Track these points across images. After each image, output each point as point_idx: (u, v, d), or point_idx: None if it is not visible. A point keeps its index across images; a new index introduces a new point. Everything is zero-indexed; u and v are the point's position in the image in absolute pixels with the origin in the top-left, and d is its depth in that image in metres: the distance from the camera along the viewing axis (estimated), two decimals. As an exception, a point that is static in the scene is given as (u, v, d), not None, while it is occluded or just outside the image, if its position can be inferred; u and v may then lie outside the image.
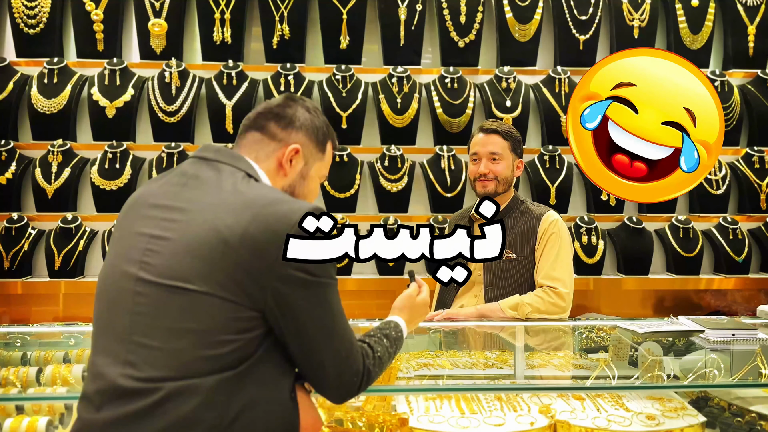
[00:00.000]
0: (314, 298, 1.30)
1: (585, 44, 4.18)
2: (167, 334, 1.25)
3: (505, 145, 2.58)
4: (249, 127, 1.47)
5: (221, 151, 1.42)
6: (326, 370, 1.32)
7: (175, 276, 1.26)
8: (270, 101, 1.50)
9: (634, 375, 2.09)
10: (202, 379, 1.23)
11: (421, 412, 2.05)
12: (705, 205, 4.08)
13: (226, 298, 1.25)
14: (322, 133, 1.51)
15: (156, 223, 1.32)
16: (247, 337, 1.26)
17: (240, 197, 1.31)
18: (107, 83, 3.88)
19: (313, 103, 1.53)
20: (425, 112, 4.08)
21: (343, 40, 4.05)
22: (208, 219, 1.28)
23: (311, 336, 1.30)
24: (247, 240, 1.25)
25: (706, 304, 4.16)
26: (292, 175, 1.46)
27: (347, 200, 3.93)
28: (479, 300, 2.61)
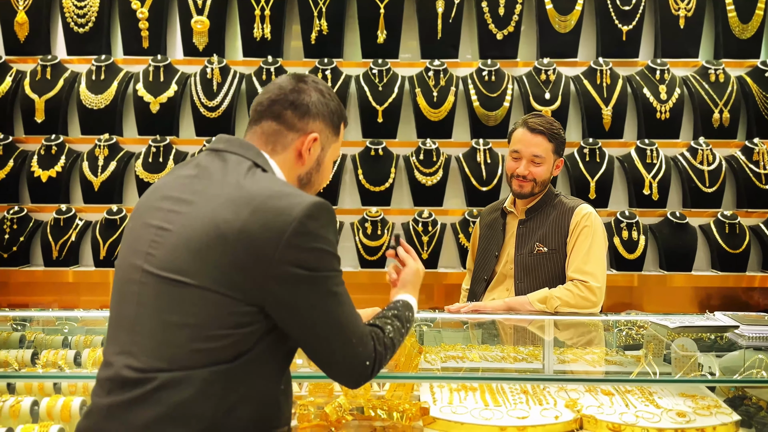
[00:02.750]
0: (317, 292, 1.27)
1: (628, 35, 4.07)
2: (163, 326, 1.26)
3: (549, 147, 2.51)
4: (264, 115, 1.42)
5: (231, 141, 1.40)
6: (337, 359, 1.32)
7: (173, 269, 1.26)
8: (282, 85, 1.44)
9: (668, 372, 2.03)
10: (195, 371, 1.23)
11: (444, 402, 2.04)
12: (753, 199, 3.93)
13: (222, 293, 1.23)
14: (337, 116, 1.48)
15: (163, 215, 1.32)
16: (243, 332, 1.25)
17: (241, 191, 1.28)
18: (151, 80, 4.00)
19: (324, 83, 1.48)
20: (462, 106, 4.06)
21: (380, 34, 4.06)
22: (208, 213, 1.27)
23: (318, 329, 1.28)
24: (244, 236, 1.23)
25: (754, 303, 4.00)
26: (310, 162, 1.44)
27: (382, 194, 3.95)
28: (511, 294, 2.57)
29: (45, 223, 3.96)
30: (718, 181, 3.92)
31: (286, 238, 1.23)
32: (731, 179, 4.03)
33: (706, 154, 3.94)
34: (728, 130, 4.00)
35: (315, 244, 1.26)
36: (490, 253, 2.67)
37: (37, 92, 4.01)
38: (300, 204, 1.26)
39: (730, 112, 3.98)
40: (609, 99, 3.98)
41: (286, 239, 1.23)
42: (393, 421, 1.92)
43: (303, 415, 1.91)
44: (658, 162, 3.94)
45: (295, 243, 1.23)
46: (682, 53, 4.11)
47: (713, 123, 3.99)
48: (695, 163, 3.94)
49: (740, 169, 3.96)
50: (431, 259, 3.86)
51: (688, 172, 3.94)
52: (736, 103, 3.99)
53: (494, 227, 2.70)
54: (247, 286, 1.24)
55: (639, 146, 3.97)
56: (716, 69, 4.01)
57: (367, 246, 3.86)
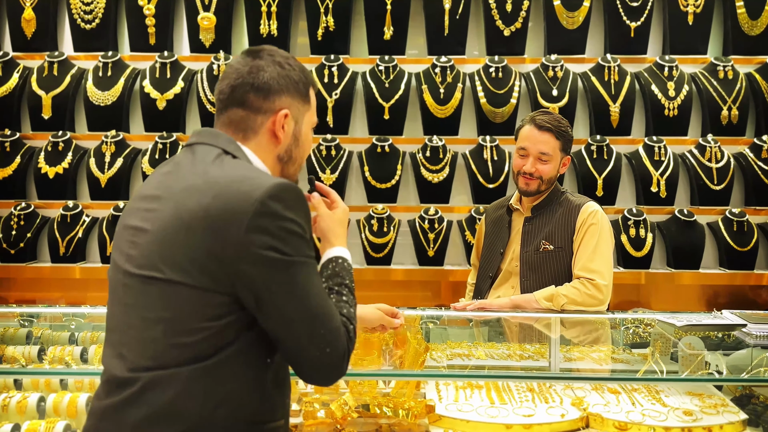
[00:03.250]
0: (286, 279, 1.22)
1: (636, 32, 4.05)
2: (144, 324, 1.26)
3: (557, 145, 2.49)
4: (228, 103, 1.37)
5: (202, 133, 1.38)
6: (309, 354, 1.25)
7: (148, 266, 1.25)
8: (238, 67, 1.36)
9: (675, 371, 2.02)
10: (177, 369, 1.22)
11: (450, 400, 2.04)
12: (761, 197, 3.90)
13: (192, 285, 1.22)
14: (303, 84, 1.40)
15: (140, 215, 1.32)
16: (219, 325, 1.23)
17: (204, 178, 1.26)
18: (158, 76, 4.01)
19: (282, 52, 1.40)
20: (468, 103, 4.04)
21: (387, 30, 4.05)
22: (174, 205, 1.26)
23: (288, 320, 1.23)
24: (208, 222, 1.21)
25: (762, 301, 3.98)
26: (287, 139, 1.39)
27: (388, 191, 3.94)
28: (516, 291, 2.56)
29: (52, 220, 3.98)
30: (726, 179, 3.89)
31: (249, 220, 1.20)
32: (739, 176, 4.00)
33: (715, 151, 3.91)
34: (737, 127, 3.97)
35: (282, 224, 1.22)
36: (496, 250, 2.66)
37: (44, 89, 4.02)
38: (262, 185, 1.23)
39: (738, 109, 3.95)
40: (617, 96, 3.96)
41: (249, 221, 1.20)
42: (398, 419, 1.92)
43: (309, 412, 1.92)
44: (666, 159, 3.91)
45: (260, 225, 1.21)
46: (691, 50, 4.08)
47: (722, 120, 3.96)
48: (703, 161, 3.91)
49: (748, 167, 3.93)
50: (437, 256, 3.85)
51: (696, 169, 3.91)
52: (745, 100, 3.96)
53: (500, 224, 2.69)
54: (217, 273, 1.21)
55: (647, 143, 3.95)
56: (725, 66, 3.98)
57: (374, 243, 3.85)
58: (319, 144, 3.97)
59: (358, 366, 1.97)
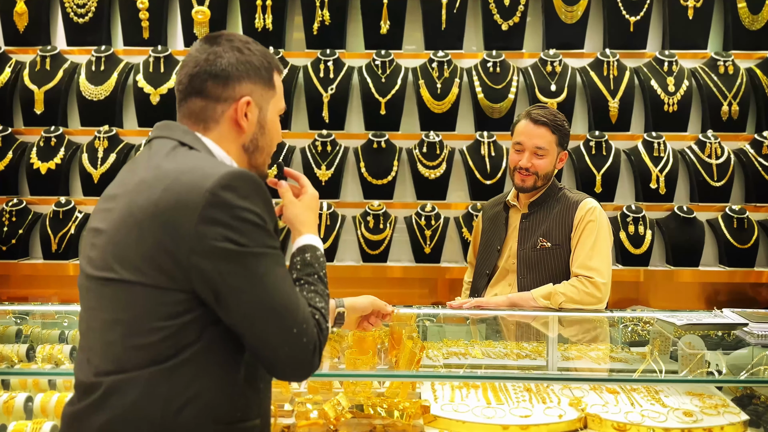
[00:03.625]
0: (244, 272, 1.16)
1: (636, 26, 4.00)
2: (104, 327, 1.23)
3: (553, 139, 2.47)
4: (187, 94, 1.31)
5: (159, 126, 1.33)
6: (276, 350, 1.19)
7: (104, 267, 1.22)
8: (195, 55, 1.31)
9: (674, 370, 2.00)
10: (138, 372, 1.18)
11: (446, 400, 2.02)
12: (762, 194, 3.86)
13: (147, 284, 1.17)
14: (265, 69, 1.34)
15: (99, 216, 1.29)
16: (178, 323, 1.18)
17: (156, 172, 1.21)
18: (152, 70, 3.96)
19: (241, 36, 1.35)
20: (466, 98, 4.00)
21: (383, 25, 4.00)
22: (126, 202, 1.22)
23: (250, 315, 1.17)
24: (158, 217, 1.16)
25: (763, 299, 3.94)
26: (251, 128, 1.33)
27: (384, 187, 3.90)
28: (513, 289, 2.54)
29: (44, 216, 3.93)
30: (726, 175, 3.86)
31: (200, 212, 1.15)
32: (740, 173, 3.96)
33: (715, 147, 3.87)
34: (737, 122, 3.93)
35: (237, 214, 1.16)
36: (492, 247, 2.63)
37: (36, 83, 3.96)
38: (213, 175, 1.17)
39: (739, 105, 3.90)
40: (616, 91, 3.92)
41: (200, 213, 1.15)
42: (393, 420, 1.88)
43: (301, 412, 1.89)
44: (665, 155, 3.87)
45: (212, 216, 1.15)
46: (691, 44, 4.04)
47: (722, 116, 3.92)
48: (703, 157, 3.87)
49: (749, 163, 3.89)
50: (434, 254, 3.81)
51: (696, 165, 3.87)
52: (746, 95, 3.92)
53: (496, 221, 2.66)
54: (171, 270, 1.17)
55: (646, 139, 3.91)
56: (725, 61, 3.93)
57: (369, 240, 3.81)
58: (315, 140, 3.92)
59: (353, 365, 1.94)
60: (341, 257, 3.93)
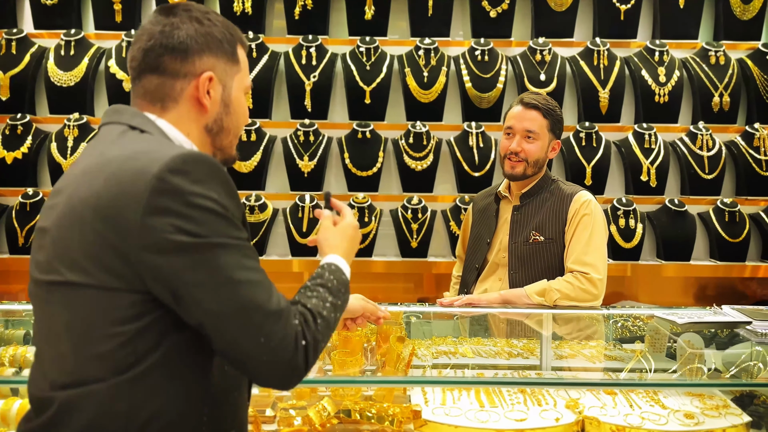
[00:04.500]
0: (203, 265, 1.02)
1: (626, 14, 3.91)
2: (54, 336, 1.10)
3: (544, 123, 2.39)
4: (141, 70, 1.18)
5: (107, 112, 1.20)
6: (251, 356, 1.05)
7: (50, 269, 1.09)
8: (149, 28, 1.18)
9: (671, 368, 1.93)
10: (96, 385, 1.06)
11: (437, 403, 1.93)
12: (753, 187, 3.81)
13: (95, 285, 1.04)
14: (228, 42, 1.22)
15: (44, 214, 1.16)
16: (134, 328, 1.05)
17: (99, 159, 1.09)
18: (125, 56, 3.77)
19: (200, 6, 1.22)
20: (453, 87, 3.88)
21: (368, 10, 3.86)
22: (68, 196, 1.09)
23: (213, 313, 1.03)
24: (101, 210, 1.03)
25: (751, 293, 3.90)
26: (214, 107, 1.20)
27: (370, 179, 3.78)
28: (504, 284, 2.45)
29: (10, 208, 3.74)
30: (717, 168, 3.79)
31: (146, 200, 1.01)
32: (731, 165, 3.90)
33: (706, 139, 3.80)
34: (728, 114, 3.86)
35: (189, 201, 1.03)
36: (482, 240, 2.54)
37: (1, 68, 3.77)
38: (160, 159, 1.04)
39: (730, 96, 3.84)
40: (606, 81, 3.83)
41: (146, 201, 1.01)
42: (382, 426, 1.78)
43: (284, 419, 1.79)
44: (656, 147, 3.79)
45: (160, 204, 1.02)
46: (682, 34, 3.96)
47: (713, 107, 3.85)
48: (695, 149, 3.80)
49: (740, 155, 3.83)
50: (421, 248, 3.70)
51: (687, 157, 3.80)
52: (737, 86, 3.85)
53: (487, 213, 2.57)
54: (120, 269, 1.03)
55: (637, 131, 3.83)
56: (716, 51, 3.86)
57: (354, 233, 3.69)
58: (297, 129, 3.78)
59: (340, 367, 1.84)
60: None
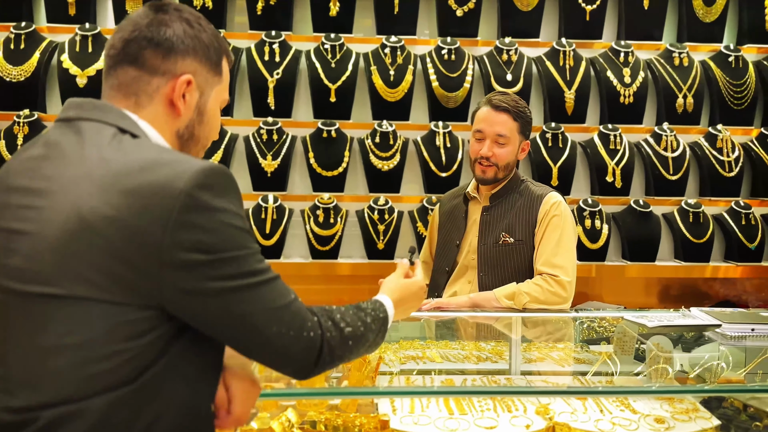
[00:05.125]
0: (225, 279, 1.02)
1: (592, 15, 3.91)
2: (39, 353, 1.01)
3: (514, 126, 2.36)
4: (118, 60, 1.13)
5: (83, 105, 1.12)
6: (271, 355, 1.09)
7: (37, 280, 1.01)
8: (136, 20, 1.15)
9: (640, 371, 1.92)
10: (89, 401, 0.99)
11: (405, 411, 1.88)
12: (716, 188, 3.84)
13: (104, 300, 1.00)
14: (214, 50, 1.19)
15: (13, 213, 1.05)
16: (140, 344, 1.01)
17: (106, 166, 1.03)
18: (78, 50, 3.62)
19: (193, 11, 1.19)
20: (420, 86, 3.83)
21: (332, 6, 3.78)
22: (69, 201, 1.01)
23: (238, 325, 1.05)
24: (120, 224, 0.99)
25: (714, 294, 3.94)
26: (188, 113, 1.17)
27: (335, 179, 3.69)
28: (473, 287, 2.41)
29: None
30: (682, 169, 3.82)
31: (175, 217, 0.99)
32: (695, 166, 3.93)
33: (670, 140, 3.82)
34: (692, 115, 3.89)
35: (214, 218, 1.02)
36: (451, 242, 2.50)
37: (-54, 62, 3.59)
38: (186, 172, 1.01)
39: (693, 97, 3.87)
40: (572, 82, 3.82)
41: (176, 218, 0.99)
42: (348, 437, 1.71)
43: (245, 430, 1.69)
44: (621, 148, 3.80)
45: (187, 221, 1.00)
46: (647, 35, 3.98)
47: (677, 108, 3.88)
48: (659, 150, 3.82)
49: (704, 156, 3.86)
50: (388, 249, 3.64)
51: (652, 158, 3.82)
52: (700, 87, 3.88)
53: (455, 214, 2.53)
54: (136, 284, 1.00)
55: (602, 131, 3.83)
56: (680, 53, 3.89)
57: (319, 235, 3.60)
58: (260, 128, 3.67)
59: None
60: (288, 254, 3.70)
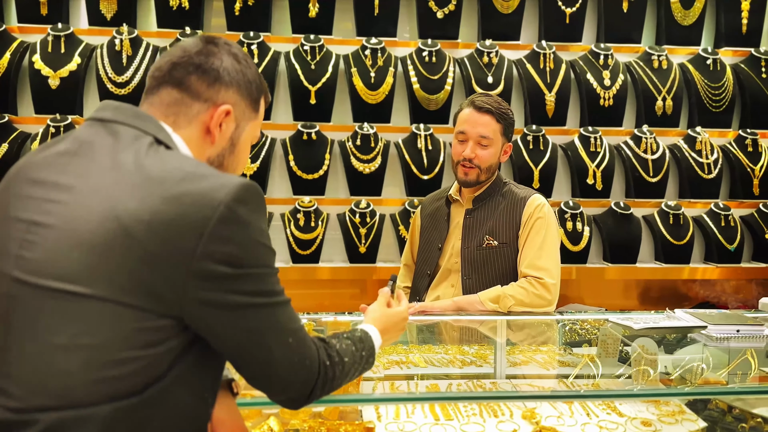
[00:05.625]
0: (246, 294, 1.04)
1: (571, 18, 3.92)
2: (47, 350, 0.98)
3: (497, 128, 2.33)
4: (163, 81, 1.17)
5: (122, 109, 1.12)
6: (271, 378, 1.10)
7: (59, 275, 0.99)
8: (186, 47, 1.19)
9: (624, 373, 1.90)
10: (95, 408, 0.97)
11: (390, 418, 1.85)
12: (696, 190, 3.87)
13: (127, 304, 0.98)
14: (256, 88, 1.23)
15: (37, 206, 1.04)
16: (154, 353, 1.01)
17: (145, 172, 1.03)
18: (51, 51, 3.53)
19: (241, 49, 1.25)
20: (401, 88, 3.80)
21: (312, 7, 3.74)
22: (103, 201, 1.01)
23: (249, 341, 1.07)
24: (156, 228, 0.98)
25: (694, 295, 3.96)
26: (222, 142, 1.19)
27: (316, 182, 3.64)
28: (456, 290, 2.38)
29: None
30: (661, 171, 3.83)
31: (212, 227, 1.00)
32: (674, 168, 3.95)
33: (650, 142, 3.84)
34: (671, 118, 3.92)
35: (247, 233, 1.04)
36: (433, 245, 2.46)
37: None
38: (226, 185, 1.03)
39: (672, 100, 3.89)
40: (552, 84, 3.82)
41: (212, 228, 1.00)
42: (332, 446, 1.67)
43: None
44: (601, 151, 3.81)
45: (222, 233, 1.01)
46: (626, 38, 3.99)
47: (656, 110, 3.90)
48: (639, 152, 3.83)
49: (683, 159, 3.88)
50: (369, 253, 3.59)
51: (632, 161, 3.83)
52: (679, 90, 3.91)
53: (437, 217, 2.50)
54: (162, 291, 1.00)
55: (582, 134, 3.83)
56: (659, 55, 3.91)
57: (299, 239, 3.55)
58: (238, 130, 3.61)
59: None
60: (268, 258, 3.64)
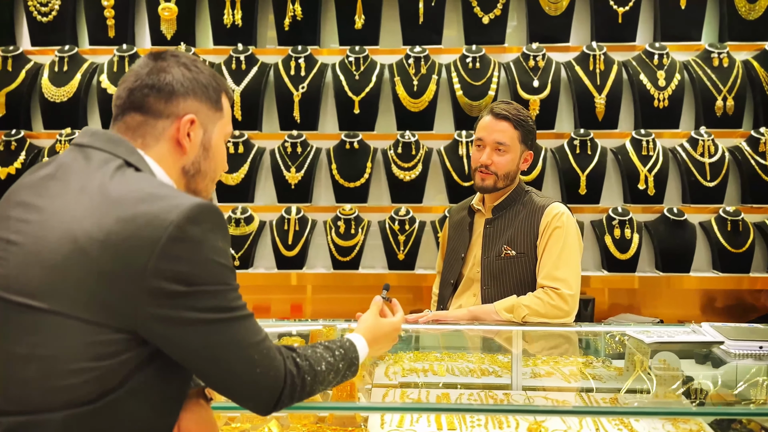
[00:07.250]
0: (201, 311, 1.08)
1: (624, 17, 3.78)
2: (11, 360, 1.07)
3: (515, 135, 2.31)
4: (125, 108, 1.22)
5: (97, 135, 1.19)
6: (234, 389, 1.14)
7: (21, 290, 1.07)
8: (137, 70, 1.23)
9: (646, 389, 1.82)
10: (50, 414, 1.04)
11: (394, 425, 1.86)
12: (758, 194, 3.62)
13: (83, 319, 1.05)
14: (213, 89, 1.26)
15: (13, 225, 1.12)
16: (107, 365, 1.06)
17: (105, 194, 1.09)
18: (116, 70, 3.81)
19: (189, 55, 1.28)
20: (444, 95, 3.81)
21: (358, 19, 3.82)
22: (64, 221, 1.08)
23: (207, 355, 1.10)
24: (110, 248, 1.04)
25: (761, 306, 3.71)
26: (194, 149, 1.24)
27: (358, 190, 3.72)
28: (478, 300, 2.38)
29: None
30: (720, 175, 3.63)
31: (162, 246, 1.04)
32: (735, 172, 3.72)
33: (708, 144, 3.64)
34: (732, 118, 3.70)
35: (199, 252, 1.07)
36: (457, 254, 2.47)
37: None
38: (179, 206, 1.07)
39: (734, 100, 3.67)
40: (603, 86, 3.70)
41: (162, 247, 1.04)
42: (333, 452, 1.72)
43: (227, 442, 1.73)
44: (654, 154, 3.65)
45: (172, 252, 1.05)
46: (684, 36, 3.81)
47: (716, 111, 3.69)
48: (695, 155, 3.65)
49: (745, 161, 3.65)
50: (408, 260, 3.62)
51: (688, 164, 3.65)
52: (742, 89, 3.68)
53: (461, 227, 2.50)
54: (116, 307, 1.05)
55: (634, 137, 3.69)
56: (720, 53, 3.70)
57: (340, 246, 3.63)
58: (284, 141, 3.75)
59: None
60: (312, 264, 3.75)
